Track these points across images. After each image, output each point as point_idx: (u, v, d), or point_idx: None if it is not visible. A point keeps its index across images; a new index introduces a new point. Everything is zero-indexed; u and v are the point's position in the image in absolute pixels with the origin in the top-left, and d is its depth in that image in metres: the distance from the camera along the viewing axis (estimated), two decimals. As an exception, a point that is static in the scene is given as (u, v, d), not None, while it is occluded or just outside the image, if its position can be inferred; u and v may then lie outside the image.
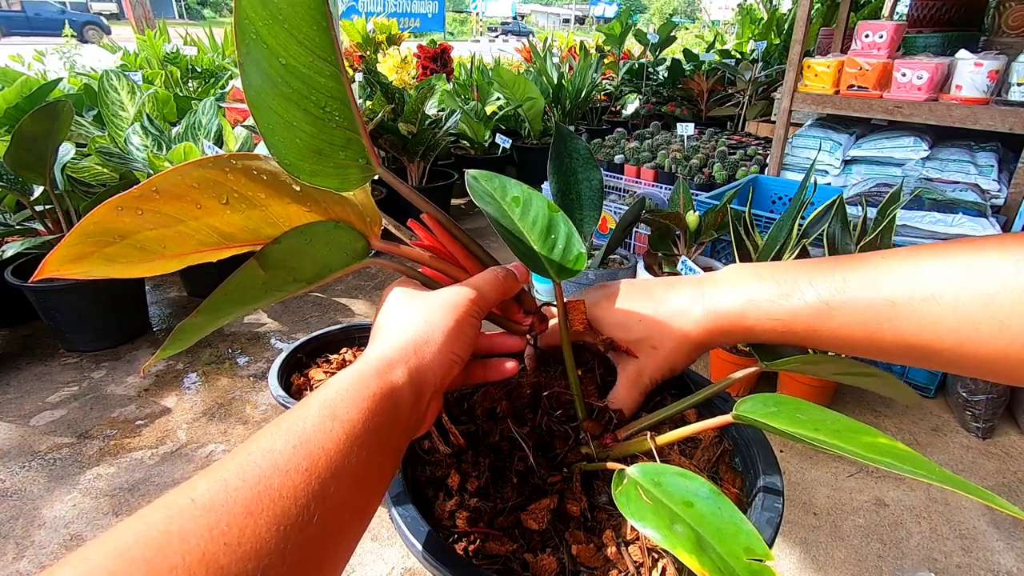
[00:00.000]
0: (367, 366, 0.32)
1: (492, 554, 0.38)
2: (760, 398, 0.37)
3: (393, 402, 0.31)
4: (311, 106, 0.33)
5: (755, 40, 4.25)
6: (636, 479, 0.34)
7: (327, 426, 0.28)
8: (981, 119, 1.70)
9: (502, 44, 11.03)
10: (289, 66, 0.32)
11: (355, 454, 0.28)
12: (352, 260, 0.38)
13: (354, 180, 0.37)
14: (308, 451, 0.27)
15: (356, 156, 0.36)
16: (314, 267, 0.36)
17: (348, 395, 0.30)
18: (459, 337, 0.36)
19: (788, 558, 1.13)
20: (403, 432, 0.33)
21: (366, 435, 0.29)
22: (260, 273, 0.33)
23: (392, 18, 3.97)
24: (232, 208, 0.34)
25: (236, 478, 0.25)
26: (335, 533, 0.27)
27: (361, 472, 0.29)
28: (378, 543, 1.15)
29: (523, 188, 0.47)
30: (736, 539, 0.27)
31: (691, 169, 2.37)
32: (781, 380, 1.56)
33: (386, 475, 0.32)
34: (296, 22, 0.31)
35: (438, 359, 0.35)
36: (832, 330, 0.37)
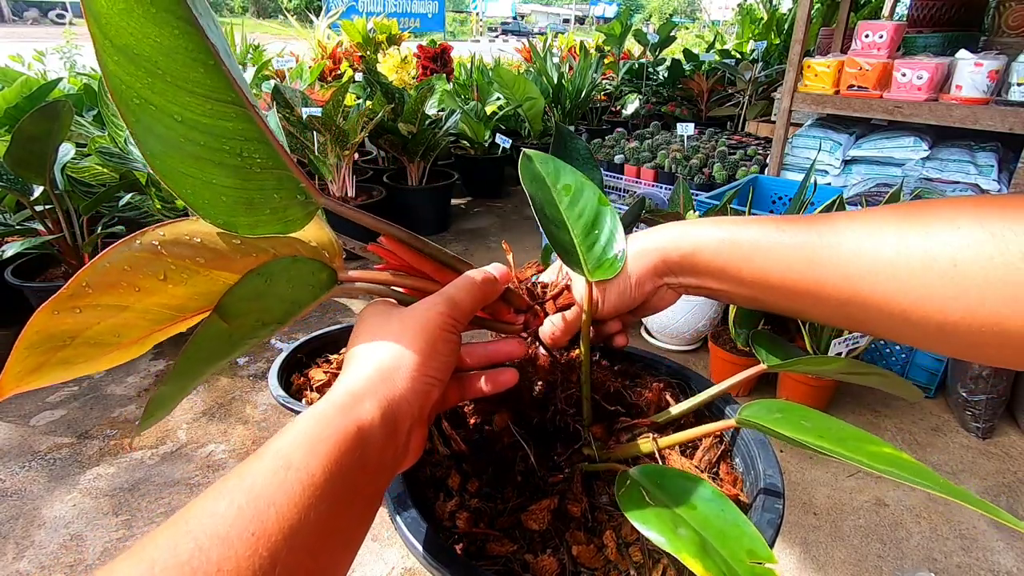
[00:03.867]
0: (329, 404, 0.29)
1: (492, 555, 0.38)
2: (764, 404, 0.37)
3: (361, 441, 0.28)
4: (226, 157, 0.30)
5: (755, 40, 4.25)
6: (638, 481, 0.34)
7: (279, 478, 0.25)
8: (981, 119, 1.70)
9: (502, 44, 11.02)
10: (187, 121, 0.28)
11: (315, 508, 0.25)
12: (320, 291, 0.36)
13: (297, 219, 0.34)
14: (256, 511, 0.24)
15: (292, 194, 0.33)
16: (281, 306, 0.34)
17: (306, 439, 0.27)
18: (433, 357, 0.33)
19: (788, 558, 1.13)
20: (377, 473, 0.30)
21: (328, 483, 0.26)
22: (223, 326, 0.31)
23: (392, 18, 3.98)
24: (173, 281, 0.32)
25: (166, 556, 0.22)
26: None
27: (325, 527, 0.25)
28: (378, 543, 1.15)
29: (577, 175, 0.46)
30: (739, 542, 0.27)
31: (691, 169, 2.37)
32: (781, 381, 1.56)
33: (359, 525, 0.29)
34: (178, 71, 0.27)
35: (411, 385, 0.32)
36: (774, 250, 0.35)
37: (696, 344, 1.80)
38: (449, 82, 3.41)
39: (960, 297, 0.28)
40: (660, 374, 0.54)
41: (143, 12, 0.25)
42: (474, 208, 3.20)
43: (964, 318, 0.29)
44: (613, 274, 0.40)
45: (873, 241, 0.31)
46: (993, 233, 0.28)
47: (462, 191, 3.36)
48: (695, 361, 1.76)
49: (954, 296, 0.28)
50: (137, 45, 0.26)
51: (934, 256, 0.29)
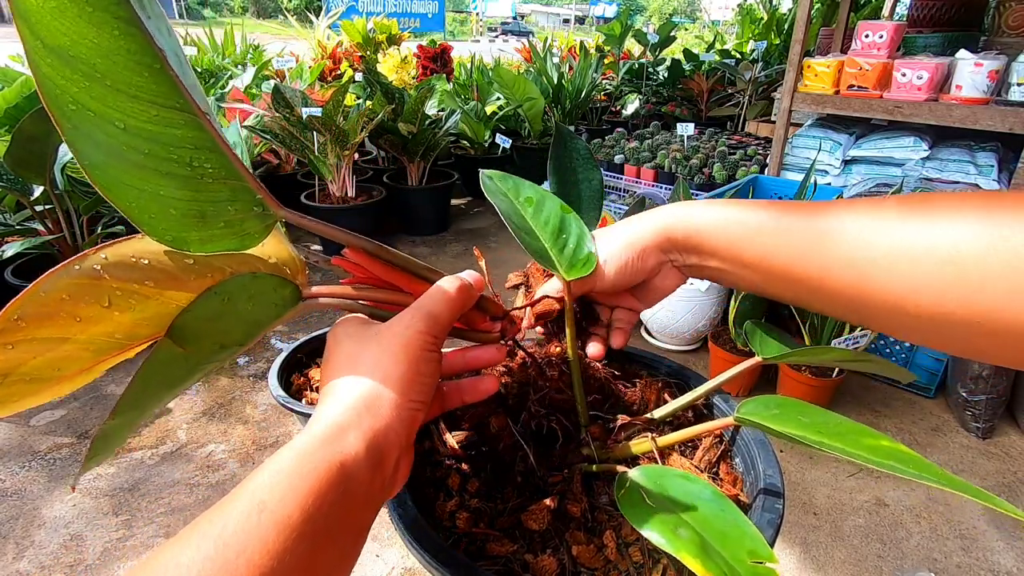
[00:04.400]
0: (310, 438, 0.28)
1: (492, 555, 0.38)
2: (762, 400, 0.37)
3: (344, 476, 0.27)
4: (175, 167, 0.28)
5: (755, 40, 4.25)
6: (638, 482, 0.34)
7: (252, 523, 0.23)
8: (981, 119, 1.70)
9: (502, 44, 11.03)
10: (130, 128, 0.26)
11: (292, 551, 0.23)
12: (283, 309, 0.34)
13: (255, 233, 0.32)
14: (225, 562, 0.22)
15: (248, 205, 0.31)
16: (241, 327, 0.31)
17: (283, 478, 0.25)
18: (417, 381, 0.32)
19: (788, 558, 1.13)
20: (364, 506, 0.28)
21: (308, 523, 0.24)
22: (178, 351, 0.28)
23: (392, 18, 3.98)
24: (119, 308, 0.30)
25: None
26: None
27: (304, 569, 0.24)
28: (378, 543, 1.15)
29: (536, 189, 0.47)
30: (740, 542, 0.27)
31: (691, 169, 2.37)
32: (781, 381, 1.56)
33: (344, 559, 0.27)
34: (119, 74, 0.25)
35: (397, 414, 0.31)
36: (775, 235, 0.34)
37: (696, 344, 1.80)
38: (449, 82, 3.41)
39: (958, 286, 0.28)
40: (659, 374, 0.54)
41: (78, 12, 0.23)
42: (474, 208, 3.20)
43: (960, 307, 0.28)
44: (588, 271, 0.40)
45: (875, 227, 0.31)
46: (996, 224, 0.27)
47: (462, 191, 3.37)
48: (695, 361, 1.76)
49: (952, 284, 0.28)
50: (72, 47, 0.24)
51: (935, 244, 0.29)
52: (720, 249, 0.37)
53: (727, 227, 0.37)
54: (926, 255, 0.29)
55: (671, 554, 0.27)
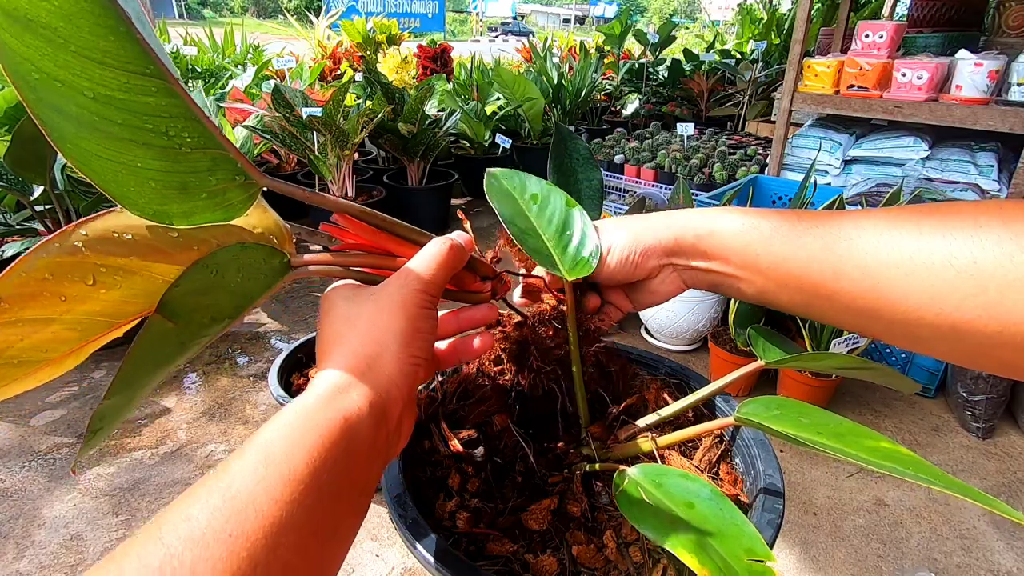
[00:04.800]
0: (313, 396, 0.28)
1: (492, 555, 0.38)
2: (762, 401, 0.37)
3: (348, 432, 0.27)
4: (150, 136, 0.26)
5: (755, 40, 4.25)
6: (637, 480, 0.34)
7: (259, 475, 0.24)
8: (981, 119, 1.70)
9: (502, 44, 11.03)
10: (100, 97, 0.24)
11: (299, 503, 0.24)
12: (274, 279, 0.33)
13: (238, 203, 0.31)
14: (233, 511, 0.22)
15: (231, 175, 0.30)
16: (232, 299, 0.31)
17: (289, 433, 0.26)
18: (416, 337, 0.32)
19: (788, 558, 1.13)
20: (368, 462, 0.29)
21: (315, 477, 0.25)
22: (169, 326, 0.28)
23: (392, 18, 3.98)
24: (105, 285, 0.29)
25: (135, 564, 0.21)
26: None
27: (312, 522, 0.24)
28: (378, 543, 1.15)
29: (543, 185, 0.47)
30: (738, 540, 0.27)
31: (691, 169, 2.37)
32: (781, 381, 1.56)
33: (351, 515, 0.28)
34: (85, 39, 0.23)
35: (398, 368, 0.31)
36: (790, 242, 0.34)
37: (696, 344, 1.80)
38: (449, 82, 3.41)
39: (978, 295, 0.27)
40: (659, 374, 0.54)
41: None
42: (474, 208, 3.20)
43: (980, 318, 0.28)
44: (591, 270, 0.40)
45: (893, 236, 0.30)
46: (1015, 234, 0.27)
47: (462, 191, 3.36)
48: (695, 361, 1.76)
49: (972, 294, 0.28)
50: (31, 10, 0.22)
51: (954, 253, 0.28)
52: (732, 254, 0.37)
53: (741, 232, 0.36)
54: (944, 265, 0.28)
55: (668, 550, 0.27)
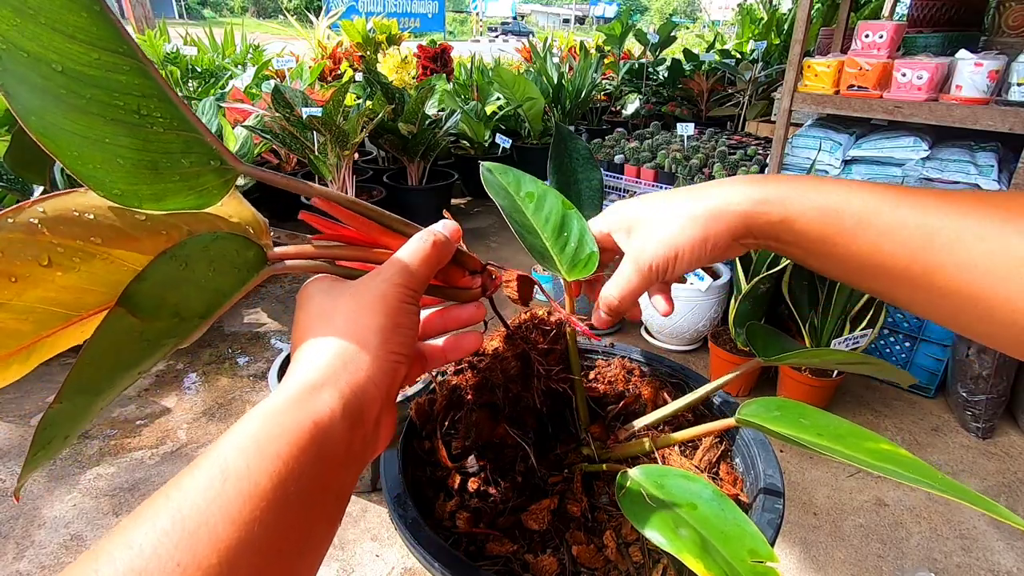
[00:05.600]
0: (281, 397, 0.26)
1: (492, 555, 0.38)
2: (763, 402, 0.37)
3: (319, 437, 0.25)
4: (121, 113, 0.25)
5: (755, 40, 4.25)
6: (639, 481, 0.34)
7: (214, 491, 0.21)
8: (981, 119, 1.70)
9: (502, 44, 11.02)
10: (69, 71, 0.24)
11: (260, 521, 0.21)
12: (248, 274, 0.30)
13: (213, 189, 0.29)
14: (184, 535, 0.20)
15: (204, 158, 0.28)
16: (202, 296, 0.28)
17: (250, 442, 0.23)
18: (397, 333, 0.30)
19: (788, 558, 1.13)
20: (342, 468, 0.26)
21: (279, 490, 0.22)
22: (132, 321, 0.25)
23: (392, 18, 3.98)
24: (61, 268, 0.26)
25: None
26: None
27: (276, 539, 0.22)
28: (378, 543, 1.15)
29: (538, 184, 0.47)
30: (741, 542, 0.27)
31: (691, 169, 2.37)
32: (781, 381, 1.56)
33: (321, 528, 0.25)
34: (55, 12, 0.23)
35: (377, 366, 0.29)
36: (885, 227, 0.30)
37: (696, 344, 1.80)
38: (449, 82, 3.41)
39: None
40: (659, 374, 0.54)
41: None
42: (474, 208, 3.20)
43: None
44: (589, 273, 0.39)
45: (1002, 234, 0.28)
46: None
47: (462, 191, 3.36)
48: (695, 361, 1.76)
49: None
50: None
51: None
52: (812, 241, 0.33)
53: (824, 218, 0.33)
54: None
55: (672, 554, 0.27)
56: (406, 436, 0.46)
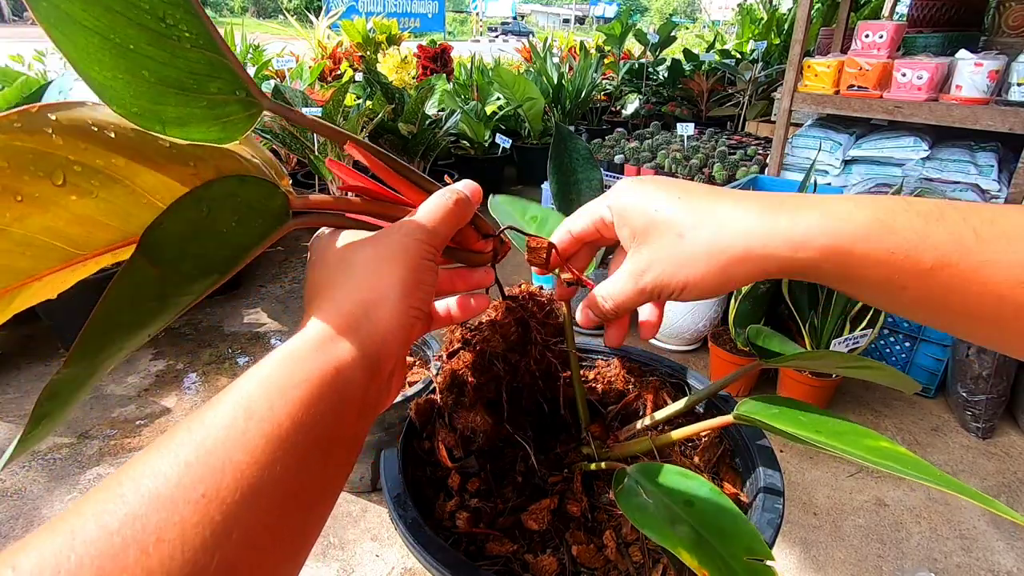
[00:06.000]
0: (303, 343, 0.26)
1: (492, 554, 0.38)
2: (761, 399, 0.37)
3: (339, 384, 0.25)
4: (146, 17, 0.22)
5: (755, 40, 4.25)
6: (637, 478, 0.34)
7: (239, 430, 0.21)
8: (981, 119, 1.70)
9: (502, 44, 11.02)
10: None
11: (282, 462, 0.22)
12: (272, 226, 0.28)
13: (239, 122, 0.27)
14: (208, 469, 0.20)
15: (231, 86, 0.26)
16: (223, 248, 0.25)
17: (273, 384, 0.23)
18: (417, 288, 0.29)
19: (788, 558, 1.13)
20: (357, 417, 0.26)
21: (299, 433, 0.23)
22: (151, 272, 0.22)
23: (392, 18, 3.98)
24: (77, 190, 0.22)
25: (91, 526, 0.18)
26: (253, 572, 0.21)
27: (294, 482, 0.22)
28: (378, 543, 1.15)
29: (542, 209, 0.51)
30: (737, 539, 0.27)
31: (691, 169, 2.37)
32: (781, 381, 1.56)
33: (337, 472, 0.26)
34: None
35: (396, 320, 0.28)
36: (970, 268, 0.26)
37: (696, 344, 1.80)
38: (449, 82, 3.40)
39: None
40: (659, 373, 0.54)
41: None
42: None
43: None
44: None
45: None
46: None
47: (462, 191, 3.36)
48: (695, 361, 1.76)
49: None
50: None
51: None
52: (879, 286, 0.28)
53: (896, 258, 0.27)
54: None
55: (667, 549, 0.27)
56: (406, 436, 0.46)
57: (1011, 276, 0.25)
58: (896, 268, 0.27)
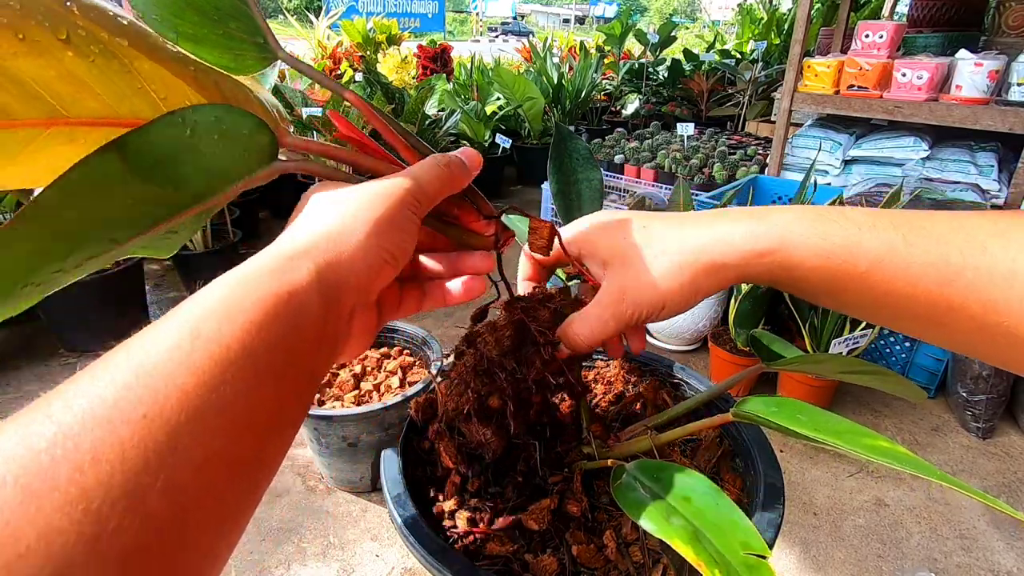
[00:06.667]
0: (255, 266, 0.24)
1: (492, 554, 0.38)
2: (761, 399, 0.37)
3: (294, 306, 0.23)
4: None
5: (755, 40, 4.25)
6: (635, 474, 0.34)
7: (184, 351, 0.20)
8: (981, 119, 1.70)
9: (502, 44, 11.03)
10: None
11: (232, 384, 0.20)
12: (256, 163, 0.28)
13: (250, 61, 0.28)
14: (150, 390, 0.19)
15: (249, 31, 0.27)
16: (202, 175, 0.25)
17: (222, 304, 0.22)
18: (391, 230, 0.28)
19: (788, 558, 1.13)
20: (314, 347, 0.25)
21: (250, 357, 0.21)
22: (120, 167, 0.22)
23: (392, 18, 3.98)
24: (78, 51, 0.22)
25: (13, 445, 0.17)
26: (198, 504, 0.19)
27: (244, 408, 0.21)
28: (378, 543, 1.15)
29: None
30: (733, 534, 0.27)
31: (691, 169, 2.37)
32: (781, 381, 1.56)
33: (290, 406, 0.24)
34: None
35: (361, 254, 0.27)
36: (900, 270, 0.28)
37: (696, 344, 1.80)
38: (449, 82, 3.41)
39: None
40: (659, 374, 0.54)
41: None
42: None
43: None
44: None
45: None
46: None
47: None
48: (695, 361, 1.76)
49: None
50: None
51: None
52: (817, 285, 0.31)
53: (830, 263, 0.29)
54: None
55: (662, 539, 0.27)
56: (406, 436, 0.46)
57: (938, 275, 0.27)
58: (834, 272, 0.29)
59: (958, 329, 0.28)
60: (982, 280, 0.26)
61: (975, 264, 0.27)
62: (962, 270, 0.27)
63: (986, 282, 0.26)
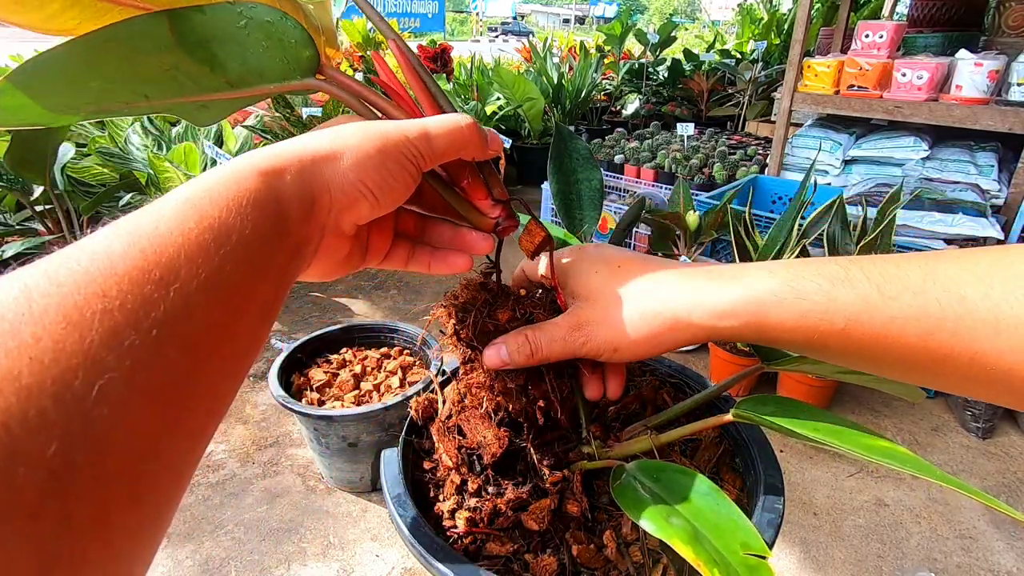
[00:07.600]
0: (244, 161, 0.25)
1: (492, 554, 0.38)
2: (760, 399, 0.37)
3: (277, 206, 0.25)
4: None
5: (755, 40, 4.25)
6: (634, 474, 0.34)
7: (188, 224, 0.22)
8: (981, 119, 1.70)
9: (502, 44, 11.02)
10: None
11: (229, 265, 0.22)
12: (292, 73, 0.29)
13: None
14: (162, 253, 0.20)
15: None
16: (241, 66, 0.27)
17: (216, 192, 0.23)
18: (377, 167, 0.28)
19: (788, 558, 1.13)
20: (292, 251, 0.26)
21: (236, 240, 0.23)
22: (166, 34, 0.23)
23: (392, 18, 3.98)
24: None
25: (44, 282, 0.19)
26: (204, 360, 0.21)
27: (235, 285, 0.22)
28: (378, 543, 1.15)
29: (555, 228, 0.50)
30: (733, 534, 0.27)
31: (691, 169, 2.37)
32: (781, 381, 1.56)
33: (264, 299, 0.25)
34: None
35: (339, 179, 0.27)
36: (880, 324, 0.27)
37: (696, 344, 1.80)
38: (449, 82, 3.41)
39: None
40: (658, 374, 0.54)
41: None
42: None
43: None
44: None
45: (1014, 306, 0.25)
46: None
47: (462, 191, 3.37)
48: (695, 361, 1.76)
49: None
50: None
51: None
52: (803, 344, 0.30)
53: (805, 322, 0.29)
54: None
55: (661, 539, 0.27)
56: (406, 436, 0.46)
57: (919, 327, 0.27)
58: (812, 330, 0.29)
59: (951, 375, 0.28)
60: (965, 331, 0.26)
61: (955, 315, 0.26)
62: (942, 321, 0.26)
63: (969, 333, 0.26)
